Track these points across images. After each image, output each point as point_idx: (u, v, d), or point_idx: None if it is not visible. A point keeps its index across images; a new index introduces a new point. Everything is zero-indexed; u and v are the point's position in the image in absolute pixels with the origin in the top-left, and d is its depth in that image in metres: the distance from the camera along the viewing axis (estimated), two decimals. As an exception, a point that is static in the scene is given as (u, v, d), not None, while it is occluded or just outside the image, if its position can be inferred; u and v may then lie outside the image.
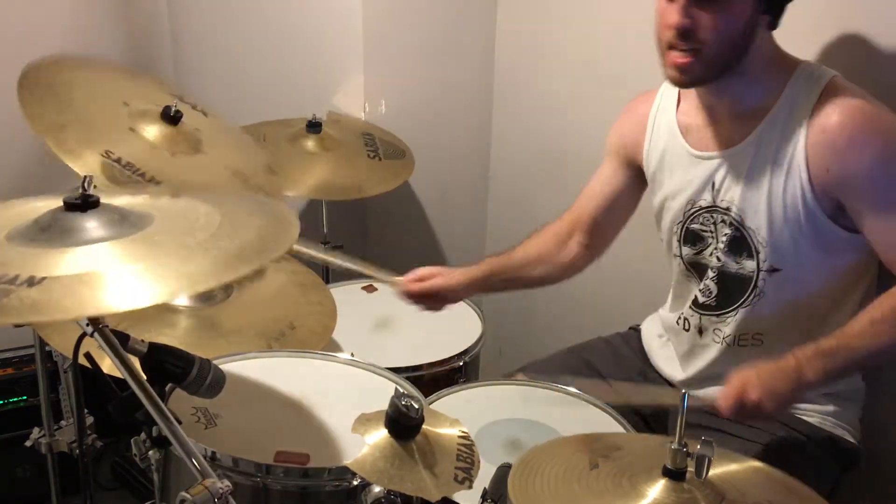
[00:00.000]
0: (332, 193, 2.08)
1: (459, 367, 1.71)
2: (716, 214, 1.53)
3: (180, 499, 0.93)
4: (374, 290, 1.99)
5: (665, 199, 1.61)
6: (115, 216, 1.02)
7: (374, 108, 2.25)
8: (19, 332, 1.69)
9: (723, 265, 1.53)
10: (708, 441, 1.01)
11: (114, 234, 0.99)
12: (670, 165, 1.59)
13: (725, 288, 1.54)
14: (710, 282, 1.56)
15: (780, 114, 1.43)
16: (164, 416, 1.01)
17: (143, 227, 1.02)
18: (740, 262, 1.51)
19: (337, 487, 1.17)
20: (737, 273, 1.52)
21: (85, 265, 0.93)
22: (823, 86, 1.41)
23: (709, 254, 1.57)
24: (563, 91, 2.26)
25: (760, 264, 1.49)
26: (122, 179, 1.45)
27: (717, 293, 1.56)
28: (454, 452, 1.15)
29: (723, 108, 1.49)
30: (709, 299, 1.57)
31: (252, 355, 1.46)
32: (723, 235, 1.52)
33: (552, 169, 2.33)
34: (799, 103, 1.42)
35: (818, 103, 1.40)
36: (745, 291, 1.52)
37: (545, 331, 2.44)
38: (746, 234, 1.49)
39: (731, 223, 1.50)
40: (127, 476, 2.26)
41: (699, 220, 1.56)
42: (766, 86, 1.45)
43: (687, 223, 1.58)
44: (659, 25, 1.44)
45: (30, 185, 2.12)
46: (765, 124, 1.45)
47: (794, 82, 1.44)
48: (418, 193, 2.41)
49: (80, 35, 2.34)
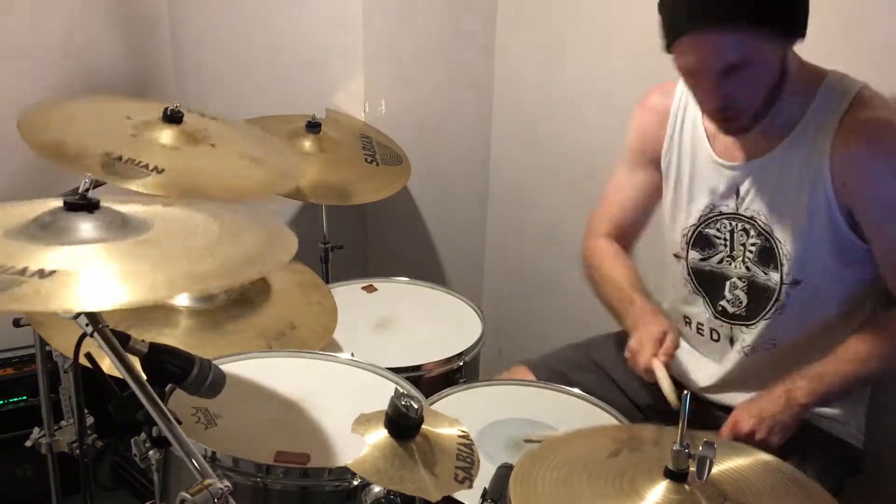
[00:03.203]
0: (325, 197, 2.06)
1: (459, 367, 1.71)
2: (736, 222, 1.52)
3: (180, 499, 0.93)
4: (374, 290, 1.99)
5: (680, 200, 1.60)
6: (116, 218, 1.03)
7: (374, 108, 2.25)
8: (19, 332, 1.69)
9: (752, 275, 1.53)
10: (709, 442, 1.01)
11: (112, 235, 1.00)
12: (691, 167, 1.58)
13: (755, 298, 1.54)
14: (741, 292, 1.55)
15: (808, 128, 1.42)
16: (164, 416, 1.01)
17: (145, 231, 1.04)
18: (767, 272, 1.51)
19: (337, 487, 1.17)
20: (764, 284, 1.52)
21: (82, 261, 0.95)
22: (851, 99, 1.40)
23: (718, 261, 1.57)
24: (564, 91, 2.26)
25: (784, 277, 1.49)
26: (123, 173, 1.46)
27: (746, 303, 1.55)
28: (454, 452, 1.15)
29: (756, 126, 1.46)
30: (738, 309, 1.57)
31: (252, 355, 1.46)
32: (751, 245, 1.51)
33: (552, 169, 2.33)
34: (826, 117, 1.40)
35: (845, 116, 1.39)
36: (770, 302, 1.52)
37: (545, 331, 2.44)
38: (774, 244, 1.48)
39: (760, 233, 1.50)
40: (127, 476, 2.26)
41: (715, 225, 1.55)
42: (793, 101, 1.42)
43: (701, 226, 1.57)
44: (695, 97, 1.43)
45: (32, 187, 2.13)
46: (792, 138, 1.43)
47: (820, 96, 1.42)
48: (419, 194, 2.40)
49: (80, 32, 2.34)
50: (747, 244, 1.52)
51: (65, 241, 0.98)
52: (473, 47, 2.40)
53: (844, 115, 1.39)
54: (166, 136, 1.61)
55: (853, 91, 1.41)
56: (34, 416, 1.85)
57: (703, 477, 1.00)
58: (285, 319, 1.61)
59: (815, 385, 1.43)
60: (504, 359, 2.26)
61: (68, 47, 2.32)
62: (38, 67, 2.26)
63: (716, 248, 1.57)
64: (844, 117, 1.39)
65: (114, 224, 1.03)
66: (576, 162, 2.17)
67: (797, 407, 1.42)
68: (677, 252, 1.63)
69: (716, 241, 1.56)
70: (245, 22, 2.38)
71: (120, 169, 1.46)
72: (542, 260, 2.44)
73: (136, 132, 1.61)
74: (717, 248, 1.56)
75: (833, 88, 1.42)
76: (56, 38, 2.30)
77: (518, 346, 2.42)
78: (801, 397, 1.42)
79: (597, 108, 2.16)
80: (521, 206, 2.48)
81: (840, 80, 1.43)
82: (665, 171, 1.63)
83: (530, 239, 2.47)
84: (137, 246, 1.01)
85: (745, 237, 1.52)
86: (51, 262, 0.93)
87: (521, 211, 2.48)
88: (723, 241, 1.55)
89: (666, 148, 1.61)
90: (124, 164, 1.47)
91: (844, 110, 1.39)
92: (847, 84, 1.42)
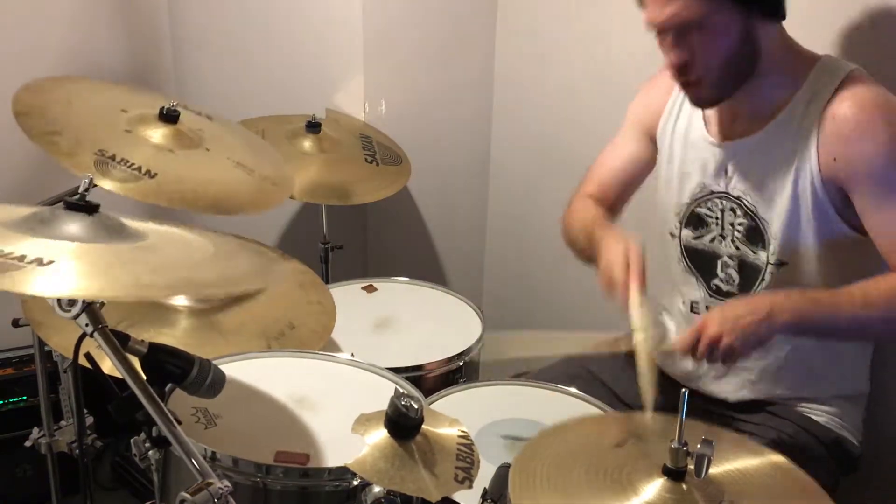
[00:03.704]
0: (325, 197, 2.06)
1: (459, 367, 1.71)
2: (725, 202, 1.53)
3: (180, 499, 0.94)
4: (374, 291, 1.99)
5: (672, 177, 1.61)
6: (115, 223, 1.05)
7: (374, 108, 2.25)
8: (19, 332, 1.69)
9: (742, 254, 1.53)
10: (708, 440, 1.01)
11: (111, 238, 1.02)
12: (685, 145, 1.59)
13: (746, 276, 1.54)
14: (732, 270, 1.55)
15: (797, 107, 1.43)
16: (164, 416, 1.01)
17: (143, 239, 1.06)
18: (756, 251, 1.51)
19: (337, 487, 1.17)
20: (753, 263, 1.52)
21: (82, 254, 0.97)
22: (841, 78, 1.40)
23: (710, 240, 1.57)
24: (564, 91, 2.26)
25: (769, 256, 1.49)
26: (117, 175, 1.45)
27: (739, 281, 1.55)
28: (454, 452, 1.15)
29: (742, 105, 1.48)
30: (732, 287, 1.57)
31: (252, 355, 1.46)
32: (738, 225, 1.52)
33: (552, 169, 2.33)
34: (816, 97, 1.41)
35: (834, 95, 1.39)
36: (756, 282, 1.52)
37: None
38: (760, 224, 1.49)
39: (746, 213, 1.51)
40: (127, 476, 2.26)
41: (707, 204, 1.56)
42: (783, 82, 1.44)
43: (694, 206, 1.58)
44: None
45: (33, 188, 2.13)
46: (779, 119, 1.45)
47: (812, 77, 1.43)
48: (419, 194, 2.40)
49: (80, 32, 2.34)
50: (735, 224, 1.53)
51: (64, 236, 0.99)
52: (473, 47, 2.40)
53: (834, 93, 1.39)
54: (160, 135, 1.59)
55: (845, 71, 1.41)
56: (34, 416, 1.85)
57: (702, 475, 1.00)
58: (285, 319, 1.61)
59: (805, 307, 1.34)
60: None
61: (68, 47, 2.32)
62: (38, 67, 2.26)
63: (708, 227, 1.57)
64: (834, 94, 1.39)
65: (113, 228, 1.04)
66: (576, 162, 2.16)
67: (778, 325, 1.33)
68: (671, 230, 1.63)
69: (708, 220, 1.57)
70: (245, 22, 2.38)
71: (112, 169, 1.46)
72: (542, 260, 2.44)
73: (131, 127, 1.58)
74: (709, 226, 1.57)
75: (824, 71, 1.43)
76: (56, 38, 2.30)
77: (518, 346, 2.41)
78: (787, 317, 1.33)
79: (597, 108, 2.16)
80: (521, 206, 2.48)
81: (832, 63, 1.44)
82: (660, 146, 1.64)
83: (530, 239, 2.47)
84: (138, 249, 1.03)
85: (734, 217, 1.53)
86: (50, 254, 0.94)
87: (521, 211, 2.48)
88: (714, 220, 1.56)
89: (663, 122, 1.63)
90: (117, 165, 1.47)
91: (834, 89, 1.40)
92: (839, 66, 1.43)
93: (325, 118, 2.17)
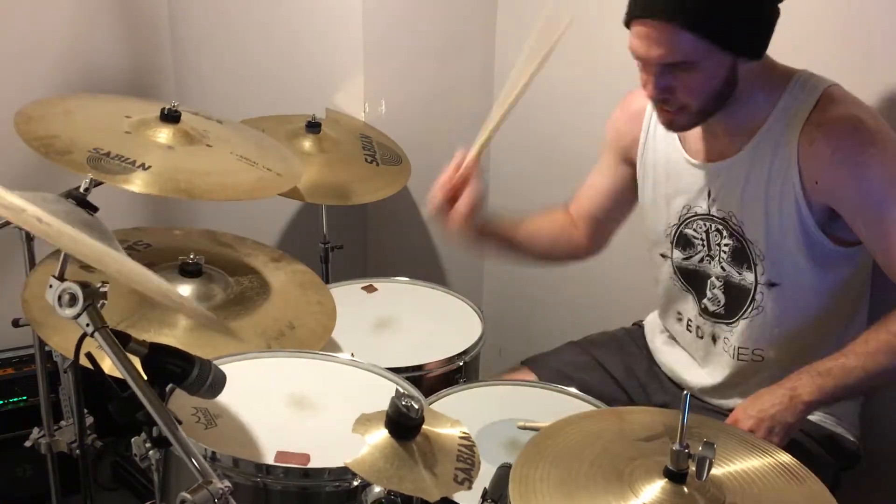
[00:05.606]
0: (325, 197, 2.06)
1: (459, 367, 1.71)
2: (710, 223, 1.53)
3: (180, 499, 0.94)
4: (374, 290, 1.99)
5: (658, 199, 1.60)
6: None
7: (374, 108, 2.25)
8: (19, 332, 1.69)
9: (727, 275, 1.53)
10: (709, 442, 1.01)
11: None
12: (666, 167, 1.58)
13: (731, 297, 1.54)
14: (718, 290, 1.55)
15: (775, 126, 1.41)
16: (164, 416, 1.01)
17: None
18: (742, 273, 1.51)
19: (337, 488, 1.17)
20: (739, 284, 1.52)
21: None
22: (818, 97, 1.39)
23: (698, 260, 1.57)
24: (564, 92, 2.26)
25: (758, 277, 1.49)
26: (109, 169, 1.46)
27: (724, 302, 1.56)
28: (454, 453, 1.15)
29: (718, 125, 1.47)
30: (718, 307, 1.57)
31: (252, 355, 1.46)
32: (724, 245, 1.51)
33: (552, 169, 2.33)
34: (793, 115, 1.40)
35: (811, 114, 1.38)
36: (746, 303, 1.52)
37: (545, 331, 2.44)
38: (746, 245, 1.48)
39: (732, 234, 1.50)
40: (127, 476, 2.27)
41: (692, 225, 1.56)
42: (759, 101, 1.42)
43: (681, 227, 1.58)
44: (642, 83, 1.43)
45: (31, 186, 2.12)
46: (759, 137, 1.43)
47: (788, 94, 1.41)
48: (419, 194, 2.40)
49: (80, 33, 2.34)
50: (721, 244, 1.52)
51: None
52: (473, 47, 2.40)
53: (811, 113, 1.38)
54: (163, 135, 1.63)
55: (820, 89, 1.40)
56: (34, 416, 1.85)
57: (703, 477, 1.00)
58: (285, 319, 1.61)
59: (821, 381, 1.35)
60: (504, 359, 2.26)
61: (68, 47, 2.32)
62: (38, 67, 2.26)
63: (695, 248, 1.57)
64: (811, 115, 1.38)
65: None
66: (575, 162, 2.16)
67: (801, 405, 1.35)
68: (663, 252, 1.63)
69: (694, 241, 1.57)
70: (245, 22, 2.38)
71: (106, 165, 1.46)
72: (542, 260, 2.44)
73: (132, 130, 1.61)
74: (696, 247, 1.57)
75: (801, 87, 1.41)
76: (56, 38, 2.30)
77: (518, 346, 2.41)
78: (806, 395, 1.34)
79: (597, 109, 2.16)
80: (521, 206, 2.47)
81: (808, 79, 1.42)
82: (642, 172, 1.63)
83: (530, 239, 2.47)
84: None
85: (720, 237, 1.52)
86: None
87: (521, 211, 2.48)
88: (700, 241, 1.55)
89: (641, 149, 1.62)
90: (111, 160, 1.48)
91: (811, 108, 1.38)
92: (815, 82, 1.41)
93: (325, 118, 2.17)
